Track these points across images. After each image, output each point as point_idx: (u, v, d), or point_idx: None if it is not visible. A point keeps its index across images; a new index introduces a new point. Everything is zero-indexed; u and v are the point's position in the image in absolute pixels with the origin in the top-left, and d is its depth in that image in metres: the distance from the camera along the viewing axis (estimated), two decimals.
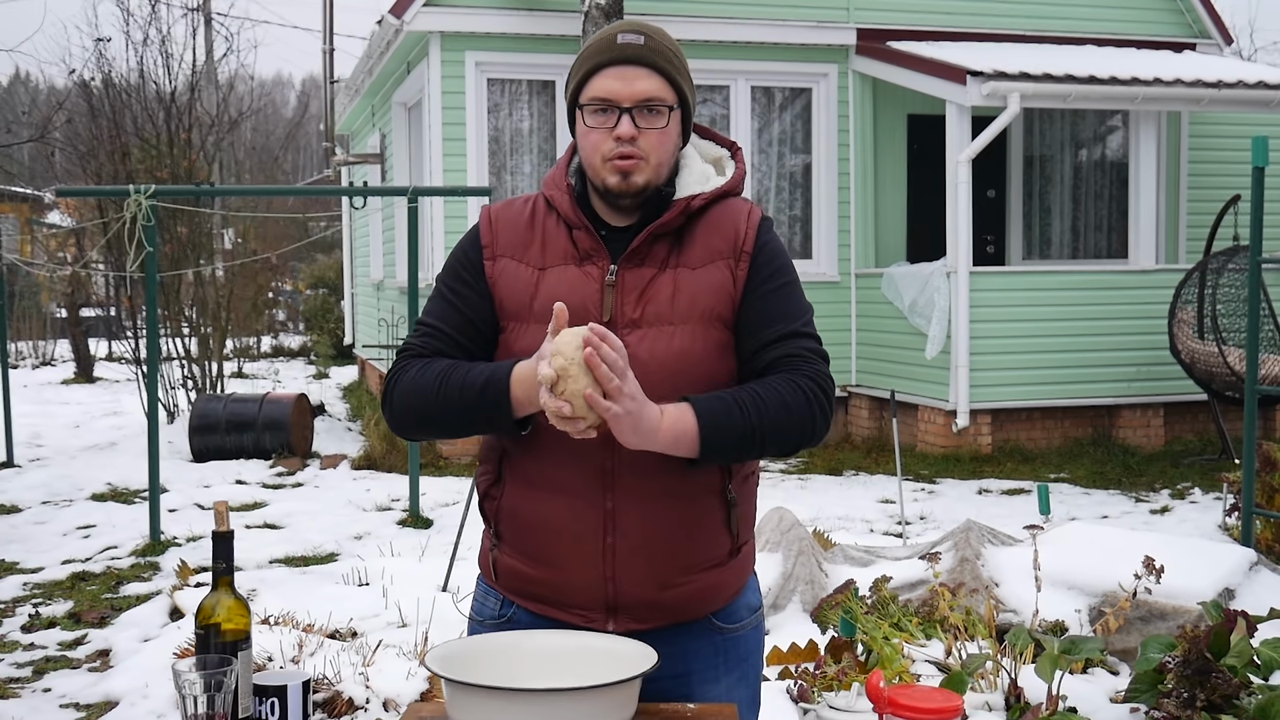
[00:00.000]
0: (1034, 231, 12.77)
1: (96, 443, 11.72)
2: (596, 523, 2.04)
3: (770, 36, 11.16)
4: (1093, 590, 5.22)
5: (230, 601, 1.87)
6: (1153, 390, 10.63)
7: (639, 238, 2.07)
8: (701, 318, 2.05)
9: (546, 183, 2.17)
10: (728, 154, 2.22)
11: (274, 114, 42.99)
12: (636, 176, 2.05)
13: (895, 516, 8.14)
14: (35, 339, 21.51)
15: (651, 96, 2.05)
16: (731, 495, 2.11)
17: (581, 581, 2.06)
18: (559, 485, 2.05)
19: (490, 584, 2.21)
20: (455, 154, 10.57)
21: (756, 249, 2.10)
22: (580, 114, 2.08)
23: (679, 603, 2.09)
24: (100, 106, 12.64)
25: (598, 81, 2.06)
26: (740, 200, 2.16)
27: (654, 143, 2.05)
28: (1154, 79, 10.21)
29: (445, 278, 2.17)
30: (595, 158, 2.06)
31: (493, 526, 2.16)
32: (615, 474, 2.03)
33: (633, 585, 2.05)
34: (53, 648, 5.59)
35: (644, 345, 2.03)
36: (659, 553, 2.05)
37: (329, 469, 10.20)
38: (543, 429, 2.02)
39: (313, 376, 18.21)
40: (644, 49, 2.06)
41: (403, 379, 2.08)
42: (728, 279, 2.08)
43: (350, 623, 5.51)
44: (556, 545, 2.06)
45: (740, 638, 2.20)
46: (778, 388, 2.01)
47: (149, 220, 7.38)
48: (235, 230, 15.92)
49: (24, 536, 7.84)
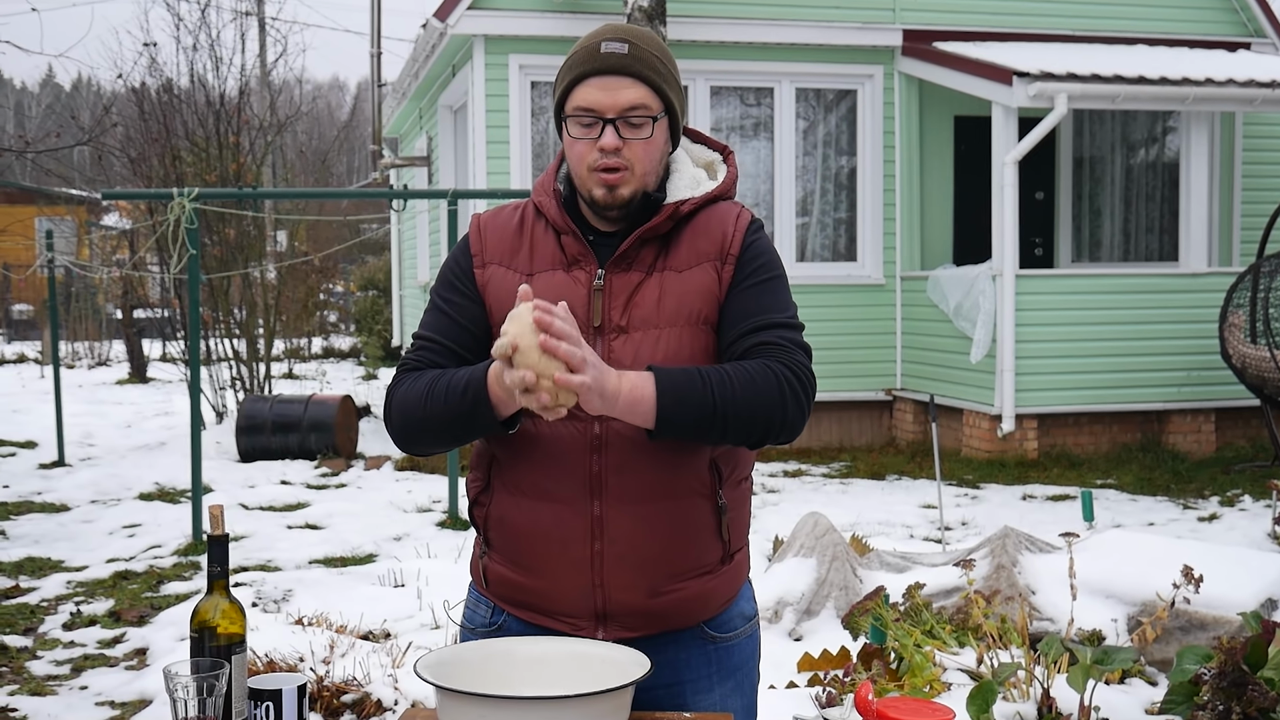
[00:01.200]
0: (1083, 234, 12.61)
1: (146, 443, 11.87)
2: (583, 529, 2.02)
3: (815, 38, 11.10)
4: (1131, 599, 5.14)
5: (226, 605, 1.87)
6: (1203, 395, 10.46)
7: (626, 242, 2.05)
8: (688, 321, 2.04)
9: (535, 189, 2.17)
10: (719, 158, 2.20)
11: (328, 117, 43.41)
12: (622, 189, 2.03)
13: (936, 522, 8.06)
14: (91, 340, 21.86)
15: (635, 105, 2.02)
16: (722, 501, 2.08)
17: (570, 589, 2.05)
18: (546, 491, 2.04)
19: (481, 592, 2.20)
20: (498, 156, 10.61)
21: (742, 250, 2.07)
22: (566, 124, 2.07)
23: (669, 610, 2.07)
24: (151, 111, 12.82)
25: (581, 91, 2.04)
26: (730, 204, 2.14)
27: (639, 153, 2.03)
28: (1206, 79, 10.05)
29: (438, 289, 2.17)
30: (581, 168, 2.05)
31: (482, 534, 2.15)
32: (602, 479, 2.02)
33: (621, 592, 2.04)
34: (92, 646, 5.66)
35: (631, 349, 2.02)
36: (648, 559, 2.03)
37: (372, 470, 10.27)
38: (531, 435, 2.02)
39: (361, 378, 18.34)
40: (627, 58, 2.03)
41: (397, 394, 2.08)
42: (713, 281, 2.06)
43: (383, 624, 5.54)
44: (544, 552, 2.05)
45: (733, 646, 2.18)
46: (748, 368, 1.96)
47: (192, 223, 7.47)
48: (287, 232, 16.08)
49: (71, 535, 7.96)
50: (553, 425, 2.00)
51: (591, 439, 2.01)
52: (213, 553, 1.88)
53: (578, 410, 1.97)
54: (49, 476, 10.13)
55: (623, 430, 1.99)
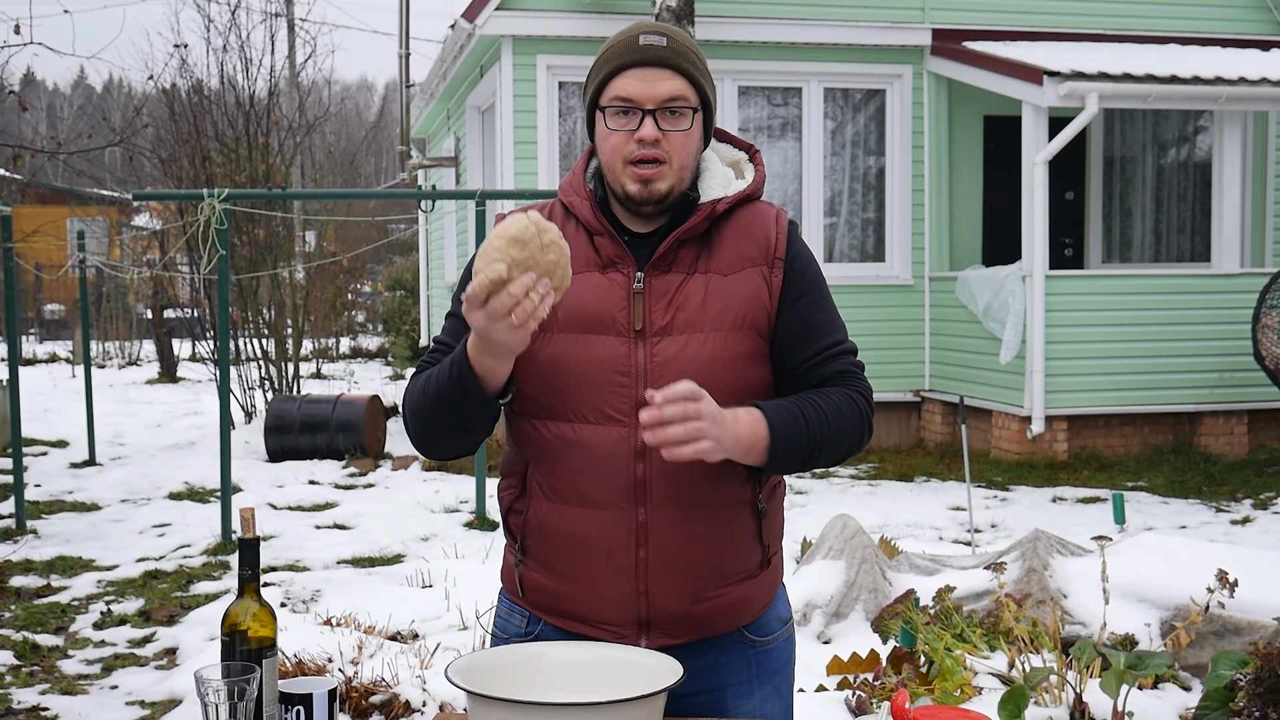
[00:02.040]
0: (1114, 234, 12.52)
1: (176, 442, 11.94)
2: (628, 535, 2.00)
3: (843, 38, 11.06)
4: (1164, 603, 5.08)
5: (257, 608, 1.87)
6: (1235, 397, 10.36)
7: (665, 244, 2.03)
8: (733, 325, 2.02)
9: (564, 188, 2.13)
10: (746, 157, 2.18)
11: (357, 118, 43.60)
12: (659, 184, 2.01)
13: (965, 524, 8.02)
14: (122, 339, 22.01)
15: (675, 97, 2.01)
16: (762, 506, 2.08)
17: (613, 596, 2.02)
18: (588, 497, 2.01)
19: (515, 600, 2.17)
20: (526, 157, 10.62)
21: (790, 257, 2.08)
22: (600, 116, 2.04)
23: (711, 616, 2.06)
24: (182, 112, 12.89)
25: (619, 82, 2.02)
26: (765, 204, 2.13)
27: (677, 145, 2.01)
28: (1239, 78, 9.95)
29: (458, 294, 2.14)
30: (616, 161, 2.02)
31: (518, 541, 2.12)
32: (647, 484, 2.00)
33: (666, 599, 2.02)
34: (122, 645, 5.68)
35: (673, 351, 2.00)
36: (692, 565, 2.02)
37: (400, 470, 10.29)
38: (572, 440, 2.00)
39: (389, 378, 18.40)
40: (667, 50, 2.02)
41: (406, 397, 2.09)
42: (761, 287, 2.04)
43: (411, 625, 5.55)
44: (586, 559, 2.03)
45: (772, 650, 2.17)
46: (839, 403, 2.03)
47: (222, 224, 7.50)
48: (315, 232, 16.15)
49: (102, 534, 8.00)
50: (596, 430, 1.99)
51: (636, 444, 1.98)
52: (244, 556, 1.88)
53: (620, 415, 1.97)
54: (80, 475, 10.20)
55: None
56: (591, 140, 2.12)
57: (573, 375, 2.00)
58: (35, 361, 21.14)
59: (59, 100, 57.11)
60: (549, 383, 2.02)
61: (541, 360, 2.02)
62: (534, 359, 2.03)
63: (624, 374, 2.00)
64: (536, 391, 2.03)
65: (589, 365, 2.00)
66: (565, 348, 2.01)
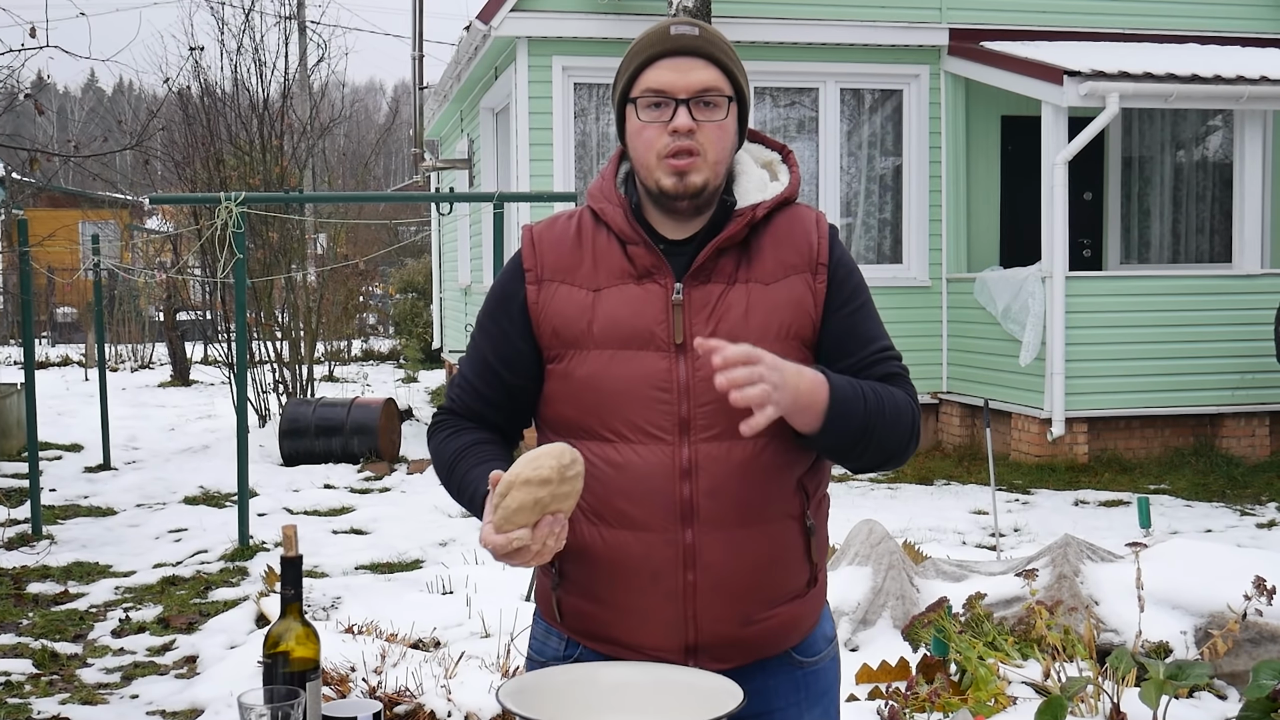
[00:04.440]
0: (1132, 235, 12.42)
1: (190, 446, 11.89)
2: (674, 558, 1.92)
3: (860, 38, 10.98)
4: (1198, 610, 5.01)
5: (299, 629, 1.81)
6: (1258, 399, 10.26)
7: (704, 253, 1.95)
8: (779, 336, 1.94)
9: (593, 195, 2.05)
10: (779, 158, 2.10)
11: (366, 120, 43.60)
12: (694, 176, 1.92)
13: (988, 528, 7.94)
14: (134, 342, 21.98)
15: (709, 87, 1.94)
16: (810, 522, 2.00)
17: (659, 622, 1.94)
18: (631, 519, 1.93)
19: (553, 625, 2.09)
20: (542, 159, 10.56)
21: (833, 264, 2.01)
22: (632, 109, 1.97)
23: (761, 639, 1.99)
24: (195, 114, 12.85)
25: (651, 73, 1.95)
26: (804, 208, 2.06)
27: (712, 137, 1.93)
28: (1260, 77, 9.86)
29: (482, 317, 2.09)
30: (649, 156, 1.94)
31: (555, 564, 2.02)
32: (694, 504, 1.92)
33: (714, 623, 1.94)
34: (141, 653, 5.63)
35: None
36: (742, 587, 1.94)
37: (415, 474, 10.23)
38: (616, 461, 1.93)
39: (401, 380, 18.36)
40: (699, 39, 1.95)
41: (432, 442, 2.09)
42: (805, 295, 1.98)
43: (433, 632, 5.48)
44: (632, 585, 1.94)
45: (820, 670, 2.10)
46: (895, 396, 1.96)
47: (239, 227, 7.45)
48: (327, 235, 16.10)
49: (118, 539, 7.96)
50: (638, 450, 1.92)
51: (681, 463, 1.91)
52: (285, 575, 1.82)
53: (663, 433, 1.90)
54: (95, 480, 10.15)
55: (713, 453, 1.91)
56: (621, 140, 2.04)
57: (612, 393, 1.93)
58: (48, 365, 21.12)
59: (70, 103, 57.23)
60: (586, 401, 1.95)
61: (578, 378, 1.96)
62: (570, 377, 1.97)
63: (665, 390, 1.93)
64: (573, 411, 1.97)
65: (629, 382, 1.93)
66: (602, 364, 1.94)
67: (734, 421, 1.85)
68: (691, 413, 1.91)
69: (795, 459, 1.97)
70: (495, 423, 2.08)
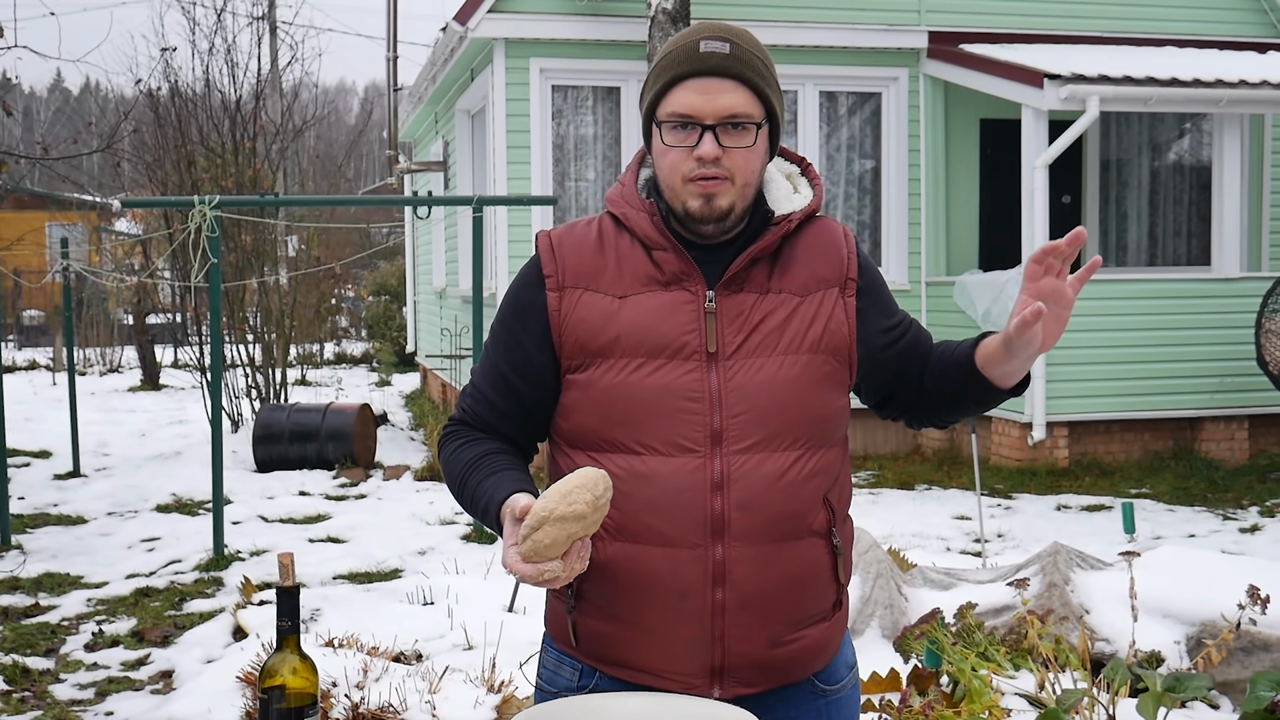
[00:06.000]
0: (1110, 238, 12.42)
1: (162, 452, 11.72)
2: (704, 575, 1.84)
3: (839, 40, 10.93)
4: (1190, 619, 4.96)
5: (297, 662, 1.72)
6: (1236, 402, 10.27)
7: (738, 261, 1.89)
8: (811, 348, 1.90)
9: (613, 200, 1.98)
10: (798, 170, 2.05)
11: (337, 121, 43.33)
12: (720, 200, 1.86)
13: (971, 534, 7.90)
14: (103, 346, 21.70)
15: (737, 113, 1.86)
16: (837, 540, 1.94)
17: (684, 643, 1.86)
18: (658, 535, 1.84)
19: (566, 651, 1.99)
20: (519, 161, 10.46)
21: (863, 279, 1.98)
22: (657, 131, 1.89)
23: (788, 662, 1.92)
24: (166, 116, 12.67)
25: (677, 95, 1.87)
26: (830, 220, 2.03)
27: (740, 163, 1.86)
28: (1239, 80, 9.87)
29: (496, 326, 2.01)
30: (674, 178, 1.88)
31: (573, 587, 1.93)
32: (725, 518, 1.84)
33: (743, 644, 1.86)
34: (115, 668, 5.50)
35: (752, 374, 1.87)
36: (771, 606, 1.87)
37: (392, 480, 10.11)
38: (642, 474, 1.85)
39: (375, 384, 18.20)
40: (730, 58, 1.85)
41: (443, 452, 2.01)
42: (838, 310, 1.94)
43: (415, 644, 5.37)
44: (656, 603, 1.86)
45: (842, 699, 2.03)
46: None
47: (213, 231, 7.32)
48: (299, 238, 15.94)
49: (89, 549, 7.81)
50: (667, 462, 1.84)
51: (713, 476, 1.84)
52: (282, 606, 1.73)
53: (694, 445, 1.84)
54: (64, 487, 9.98)
55: (745, 465, 1.84)
56: (649, 151, 1.97)
57: (639, 404, 1.86)
58: (15, 369, 20.84)
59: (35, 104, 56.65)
60: (612, 413, 1.87)
61: (601, 389, 1.88)
62: (593, 387, 1.89)
63: (696, 400, 1.85)
64: (596, 422, 1.89)
65: (657, 393, 1.85)
66: (629, 375, 1.86)
67: (767, 432, 1.82)
68: (724, 424, 1.85)
69: (824, 472, 1.91)
70: (509, 435, 1.99)
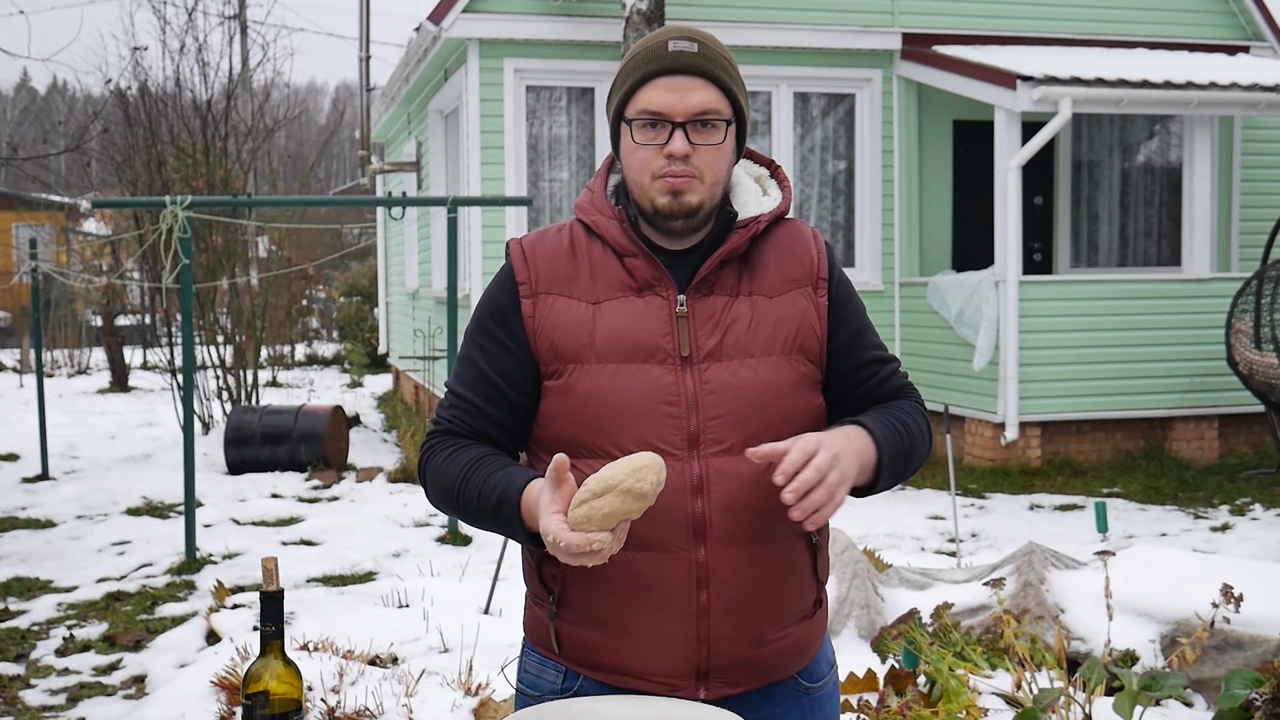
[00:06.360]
0: (1082, 239, 12.49)
1: (131, 454, 11.63)
2: (688, 578, 1.85)
3: (813, 41, 10.95)
4: (1164, 617, 5.00)
5: (281, 668, 1.70)
6: (1206, 402, 10.35)
7: (708, 264, 1.90)
8: (784, 349, 1.91)
9: (582, 207, 1.98)
10: (767, 173, 2.06)
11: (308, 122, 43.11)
12: (689, 196, 1.87)
13: (946, 534, 7.93)
14: (71, 348, 21.51)
15: (707, 109, 1.87)
16: (816, 539, 1.96)
17: (669, 645, 1.87)
18: (642, 539, 1.84)
19: (548, 655, 1.99)
20: (493, 162, 10.42)
21: (833, 281, 2.00)
22: (627, 129, 1.90)
23: (773, 661, 1.93)
24: (136, 115, 12.56)
25: (647, 93, 1.88)
26: (798, 223, 2.04)
27: (709, 160, 1.88)
28: (1210, 82, 9.94)
29: (472, 332, 1.99)
30: (644, 176, 1.88)
31: (554, 593, 1.94)
32: (707, 521, 1.85)
33: (727, 645, 1.88)
34: (87, 673, 5.45)
35: (728, 377, 1.88)
36: (755, 606, 1.88)
37: (365, 482, 10.06)
38: None
39: (347, 385, 18.11)
40: (698, 57, 1.87)
41: (430, 463, 1.95)
42: (809, 310, 1.95)
43: (390, 648, 5.34)
44: (640, 607, 1.87)
45: (823, 697, 2.05)
46: (915, 415, 1.99)
47: (185, 232, 7.25)
48: (270, 238, 15.84)
49: (59, 553, 7.73)
50: None
51: (692, 479, 1.84)
52: (265, 610, 1.70)
53: (672, 448, 1.83)
54: (33, 491, 9.88)
55: (724, 467, 1.85)
56: (616, 154, 1.98)
57: (617, 408, 1.86)
58: None
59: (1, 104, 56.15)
60: (590, 417, 1.87)
61: (580, 394, 1.88)
62: (570, 393, 1.89)
63: (673, 404, 1.86)
64: (574, 428, 1.89)
65: (634, 396, 1.86)
66: (606, 379, 1.87)
67: (745, 434, 1.83)
68: (701, 426, 1.86)
69: None
70: (498, 440, 1.97)
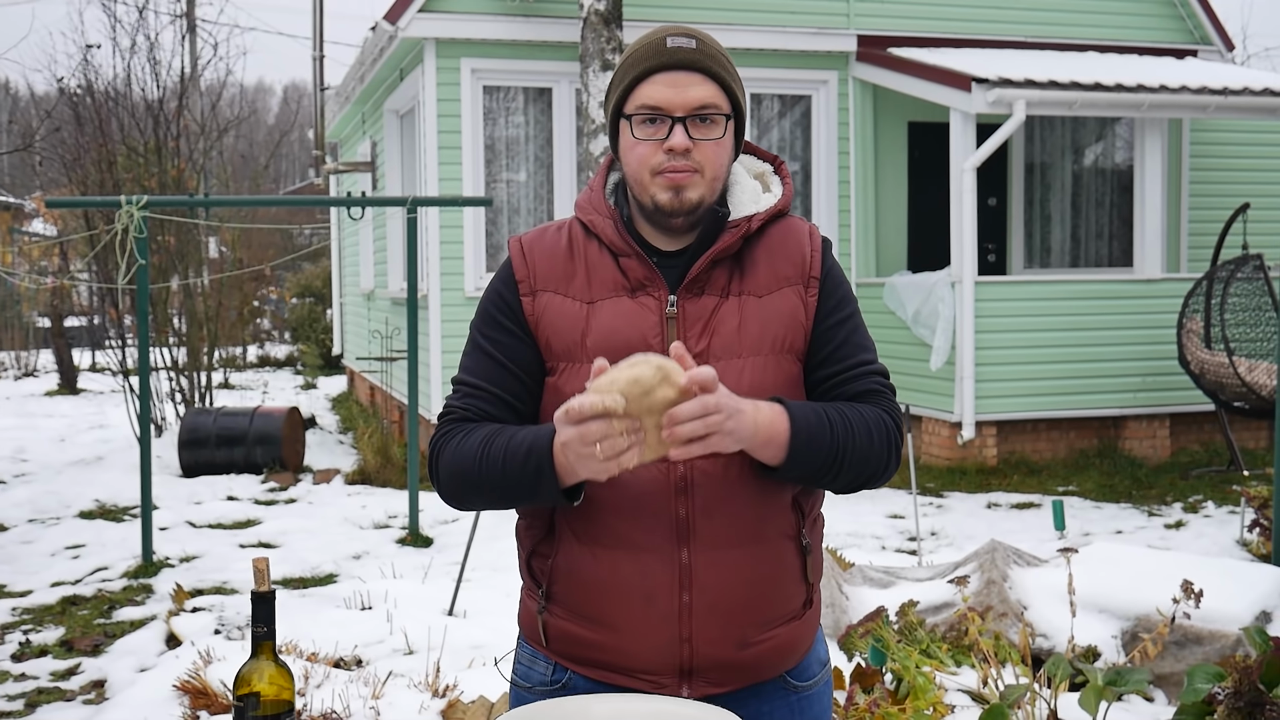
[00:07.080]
0: (1034, 240, 12.62)
1: (83, 457, 11.47)
2: (670, 579, 1.86)
3: (769, 43, 11.00)
4: (1124, 613, 5.06)
5: (272, 669, 1.68)
6: (1158, 401, 10.49)
7: (698, 265, 1.90)
8: (773, 349, 1.91)
9: (581, 207, 1.99)
10: (770, 169, 2.06)
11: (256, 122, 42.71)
12: (690, 192, 1.88)
13: (906, 533, 7.98)
14: (18, 349, 21.18)
15: (706, 104, 1.88)
16: (806, 541, 1.96)
17: (653, 645, 1.88)
18: (625, 539, 1.86)
19: (539, 649, 2.00)
20: (450, 162, 10.38)
21: (824, 275, 1.98)
22: (626, 125, 1.90)
23: (757, 662, 1.93)
24: (86, 114, 12.40)
25: (646, 89, 1.88)
26: (798, 220, 2.03)
27: (709, 155, 1.89)
28: (1160, 85, 10.08)
29: (479, 324, 1.98)
30: (643, 172, 1.89)
31: (543, 587, 1.95)
32: (690, 523, 1.86)
33: (710, 645, 1.88)
34: (45, 678, 5.36)
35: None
36: (738, 608, 1.89)
37: (322, 484, 9.98)
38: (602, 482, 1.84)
39: (301, 387, 17.97)
40: (697, 53, 1.89)
41: (445, 449, 1.91)
42: (798, 307, 1.94)
43: (355, 650, 5.31)
44: (624, 606, 1.87)
45: (814, 696, 2.05)
46: (866, 417, 1.90)
47: (141, 232, 7.17)
48: (220, 238, 15.68)
49: (11, 557, 7.61)
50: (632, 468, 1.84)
51: (676, 481, 1.85)
52: (257, 612, 1.69)
53: None
54: None
55: (709, 470, 1.85)
56: (615, 152, 1.98)
57: None
58: None
59: None
60: None
61: (569, 394, 1.87)
62: (560, 393, 1.88)
63: None
64: None
65: None
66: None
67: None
68: None
69: None
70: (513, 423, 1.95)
